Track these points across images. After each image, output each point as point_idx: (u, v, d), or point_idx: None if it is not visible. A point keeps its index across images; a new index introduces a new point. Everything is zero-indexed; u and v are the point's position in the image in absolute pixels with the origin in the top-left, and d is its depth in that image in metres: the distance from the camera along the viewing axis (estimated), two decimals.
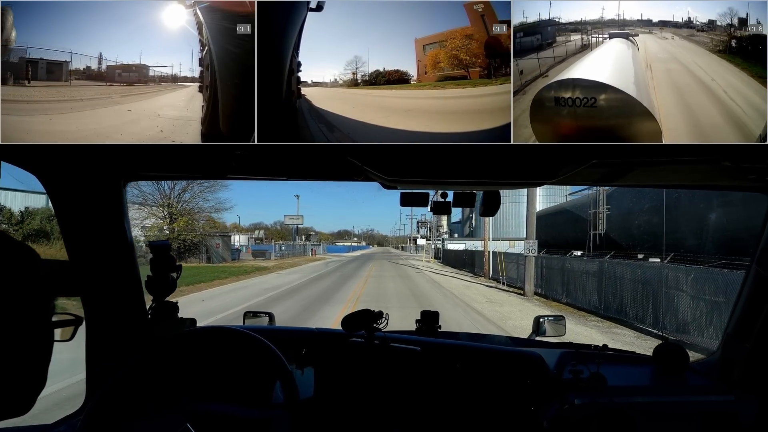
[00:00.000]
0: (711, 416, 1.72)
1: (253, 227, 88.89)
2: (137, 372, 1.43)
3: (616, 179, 1.60)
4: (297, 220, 57.58)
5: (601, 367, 1.75)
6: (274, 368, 1.49)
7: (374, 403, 1.78)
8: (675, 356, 1.91)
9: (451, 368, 1.80)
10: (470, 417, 1.76)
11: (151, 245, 1.69)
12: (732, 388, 1.77)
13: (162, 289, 1.69)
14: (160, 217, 31.97)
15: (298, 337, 1.92)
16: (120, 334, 1.72)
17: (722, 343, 1.88)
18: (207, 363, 1.56)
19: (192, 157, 1.37)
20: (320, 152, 1.18)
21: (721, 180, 1.66)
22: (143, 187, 30.42)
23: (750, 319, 1.72)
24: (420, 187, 1.76)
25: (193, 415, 1.38)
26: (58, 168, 1.50)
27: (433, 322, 2.13)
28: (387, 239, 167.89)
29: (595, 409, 1.67)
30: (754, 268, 1.71)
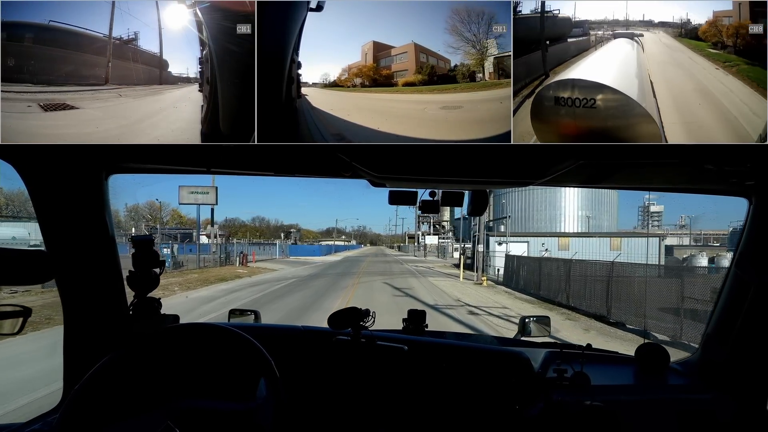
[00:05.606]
0: (689, 414, 1.83)
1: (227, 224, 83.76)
2: (116, 369, 1.43)
3: (603, 181, 1.68)
4: (205, 195, 33.41)
5: (584, 366, 1.84)
6: (257, 364, 1.52)
7: (360, 401, 1.82)
8: (655, 356, 2.03)
9: (438, 367, 1.86)
10: (455, 415, 1.82)
11: (133, 240, 1.70)
12: (710, 387, 1.87)
13: (144, 284, 1.70)
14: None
15: (283, 335, 1.95)
16: (100, 330, 1.72)
17: (702, 343, 1.99)
18: (190, 360, 1.58)
19: (179, 151, 1.39)
20: (310, 149, 1.21)
21: (704, 183, 1.75)
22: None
23: (729, 320, 1.83)
24: (408, 186, 1.80)
25: (175, 412, 1.40)
26: (36, 158, 1.49)
27: (420, 322, 2.19)
28: (380, 238, 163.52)
29: (579, 407, 1.75)
30: (734, 270, 1.82)
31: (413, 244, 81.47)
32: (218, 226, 57.93)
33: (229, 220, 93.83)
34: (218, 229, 54.11)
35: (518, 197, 34.20)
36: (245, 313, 2.39)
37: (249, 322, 2.36)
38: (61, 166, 1.55)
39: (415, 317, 2.21)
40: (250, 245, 45.64)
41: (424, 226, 78.01)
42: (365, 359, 1.85)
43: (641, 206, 66.75)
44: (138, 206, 55.35)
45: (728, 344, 1.83)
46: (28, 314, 1.47)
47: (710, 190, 1.83)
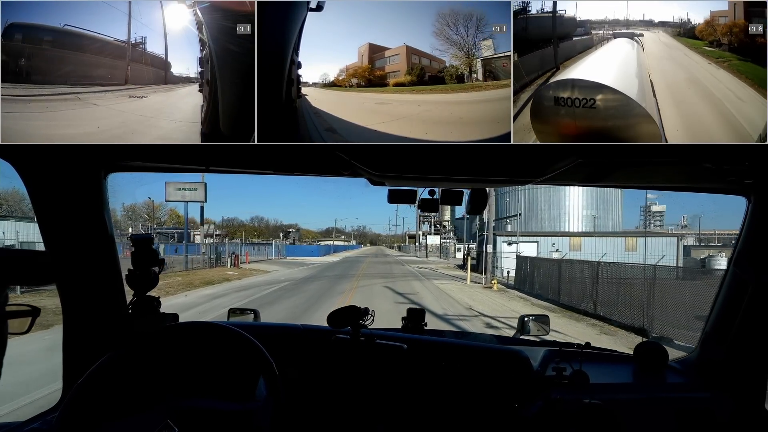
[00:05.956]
0: (687, 413, 1.84)
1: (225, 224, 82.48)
2: (115, 368, 1.44)
3: (602, 179, 1.68)
4: (193, 192, 30.54)
5: (583, 364, 1.85)
6: (257, 363, 1.53)
7: (359, 400, 1.83)
8: (654, 354, 2.04)
9: (437, 366, 1.87)
10: (454, 414, 1.83)
11: (133, 238, 1.70)
12: (708, 385, 1.88)
13: (143, 283, 1.70)
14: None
15: (283, 334, 1.96)
16: (99, 329, 1.72)
17: (700, 341, 2.00)
18: (189, 359, 1.58)
19: (178, 151, 1.39)
20: (309, 149, 1.22)
21: (703, 182, 1.76)
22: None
23: (727, 319, 1.84)
24: (407, 184, 1.81)
25: (175, 410, 1.41)
26: (36, 158, 1.49)
27: (419, 320, 2.20)
28: (380, 238, 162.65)
29: (578, 406, 1.76)
30: (732, 269, 1.83)
31: (414, 244, 79.29)
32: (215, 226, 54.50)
33: (228, 220, 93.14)
34: (214, 228, 50.38)
35: (521, 196, 33.21)
36: (245, 312, 2.39)
37: (248, 320, 2.37)
38: (60, 165, 1.55)
39: (414, 316, 2.22)
40: (243, 245, 42.74)
41: (424, 226, 76.33)
42: (364, 358, 1.86)
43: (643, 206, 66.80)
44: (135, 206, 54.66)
45: (726, 343, 1.84)
46: (37, 314, 1.47)
47: (709, 188, 1.84)
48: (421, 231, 73.76)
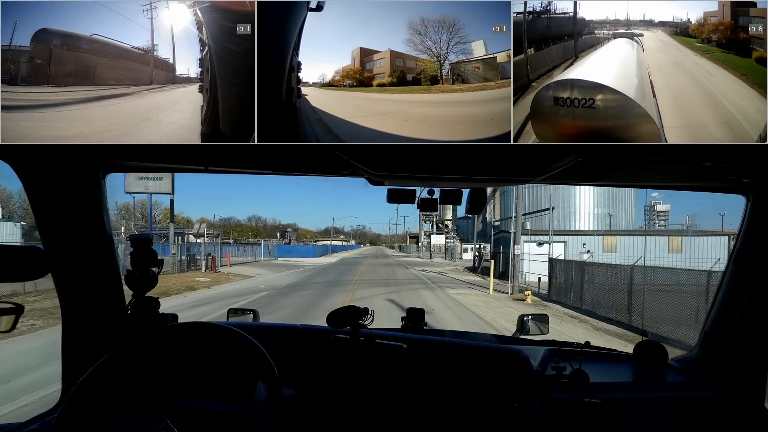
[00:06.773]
0: (687, 411, 1.85)
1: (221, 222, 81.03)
2: (114, 368, 1.44)
3: (601, 178, 1.69)
4: (158, 182, 26.26)
5: (583, 363, 1.86)
6: (257, 364, 1.53)
7: (359, 399, 1.84)
8: (654, 353, 2.05)
9: (437, 365, 1.87)
10: (455, 413, 1.83)
11: (131, 238, 1.70)
12: (708, 384, 1.89)
13: (142, 283, 1.70)
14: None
15: (282, 334, 1.96)
16: (98, 329, 1.72)
17: (700, 340, 2.01)
18: (189, 359, 1.58)
19: (176, 151, 1.39)
20: (308, 149, 1.22)
21: (702, 181, 1.77)
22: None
23: (727, 318, 1.85)
24: (406, 184, 1.81)
25: (175, 411, 1.41)
26: (34, 158, 1.49)
27: (418, 320, 2.20)
28: (380, 238, 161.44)
29: (577, 404, 1.77)
30: (732, 267, 1.84)
31: (415, 244, 76.55)
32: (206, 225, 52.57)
33: (224, 219, 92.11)
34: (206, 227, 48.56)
35: (527, 194, 30.39)
36: (244, 312, 2.40)
37: (248, 320, 2.37)
38: (58, 166, 1.55)
39: (414, 315, 2.22)
40: (223, 245, 37.62)
41: (426, 225, 73.71)
42: (364, 357, 1.87)
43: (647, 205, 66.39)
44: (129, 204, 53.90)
45: (726, 341, 1.85)
46: (21, 311, 1.46)
47: (708, 187, 1.85)
48: (424, 231, 71.58)
